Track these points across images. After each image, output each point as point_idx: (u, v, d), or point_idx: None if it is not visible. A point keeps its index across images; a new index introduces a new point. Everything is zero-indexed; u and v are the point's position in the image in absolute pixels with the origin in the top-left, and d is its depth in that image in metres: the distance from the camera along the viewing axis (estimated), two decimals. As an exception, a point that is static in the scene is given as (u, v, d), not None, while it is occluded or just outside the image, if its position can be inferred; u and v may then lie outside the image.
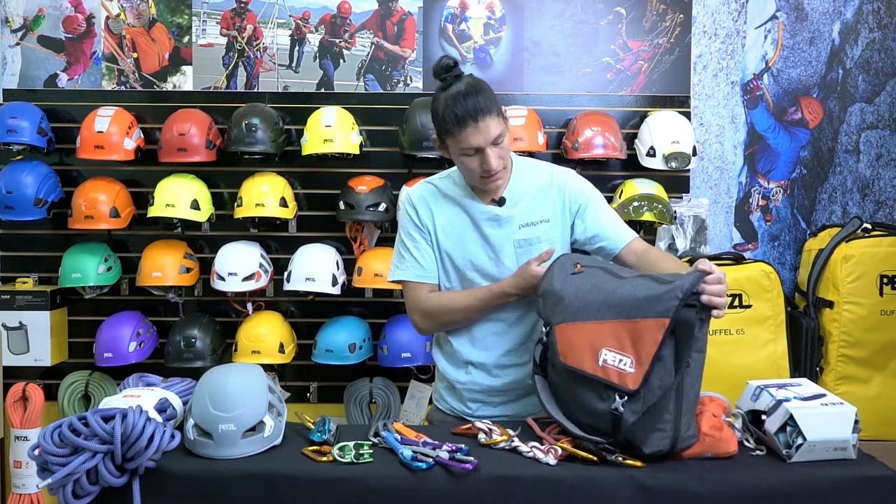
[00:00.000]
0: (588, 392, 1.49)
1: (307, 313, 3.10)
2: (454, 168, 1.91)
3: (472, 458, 1.42)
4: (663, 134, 2.94)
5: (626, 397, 1.43)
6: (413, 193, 1.92)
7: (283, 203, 2.91)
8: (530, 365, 1.80)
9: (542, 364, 1.63)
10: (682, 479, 1.40)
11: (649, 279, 1.51)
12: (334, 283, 2.87)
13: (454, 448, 1.46)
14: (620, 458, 1.43)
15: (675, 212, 2.99)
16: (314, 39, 3.13)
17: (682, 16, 3.13)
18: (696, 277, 1.44)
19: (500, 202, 1.85)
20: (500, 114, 1.76)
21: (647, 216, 2.87)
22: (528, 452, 1.48)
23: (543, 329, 1.63)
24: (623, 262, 1.81)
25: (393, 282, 1.94)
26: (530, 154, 2.98)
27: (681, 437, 1.44)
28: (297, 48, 3.13)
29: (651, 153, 2.94)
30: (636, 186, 2.95)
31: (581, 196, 1.87)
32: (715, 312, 1.48)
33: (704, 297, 1.45)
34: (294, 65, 3.13)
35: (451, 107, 1.72)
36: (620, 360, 1.45)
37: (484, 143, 1.73)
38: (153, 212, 2.86)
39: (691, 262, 2.82)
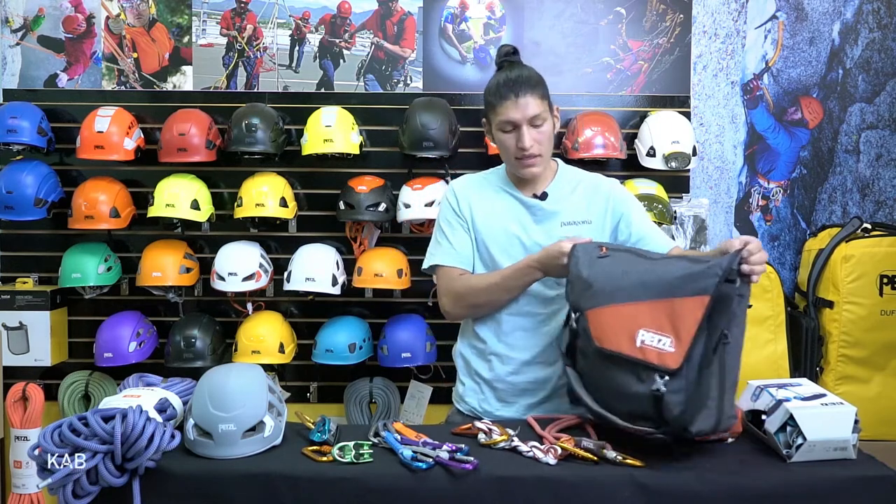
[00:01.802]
0: (624, 375, 1.47)
1: (307, 313, 3.10)
2: (500, 165, 1.96)
3: (472, 458, 1.42)
4: (663, 134, 2.94)
5: (666, 377, 1.42)
6: (456, 183, 1.97)
7: (283, 203, 2.91)
8: (556, 366, 1.82)
9: (571, 355, 1.62)
10: (682, 479, 1.40)
11: (683, 259, 1.51)
12: (334, 283, 2.87)
13: (454, 448, 1.46)
14: (620, 458, 1.43)
15: (675, 212, 2.99)
16: (314, 39, 3.13)
17: (682, 16, 3.13)
18: (733, 255, 1.44)
19: (543, 196, 1.87)
20: (545, 99, 1.82)
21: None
22: (528, 452, 1.48)
23: (573, 315, 1.62)
24: None
25: (426, 270, 1.96)
26: (530, 154, 2.99)
27: (724, 416, 1.43)
28: (297, 48, 3.13)
29: (651, 153, 2.94)
30: (636, 186, 2.95)
31: (624, 204, 1.91)
32: (753, 277, 1.48)
33: (746, 268, 1.46)
34: (294, 65, 3.13)
35: (497, 83, 1.82)
36: (659, 340, 1.44)
37: (521, 118, 1.78)
38: (153, 212, 2.86)
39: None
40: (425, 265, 1.96)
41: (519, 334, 1.87)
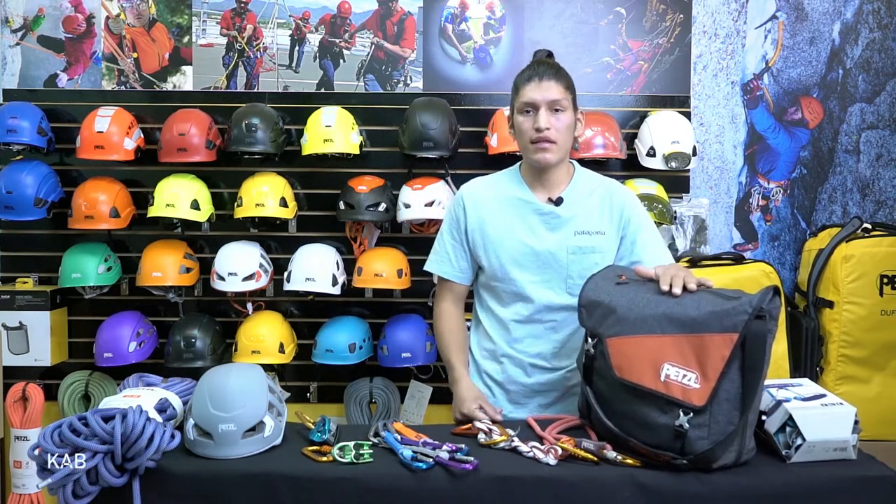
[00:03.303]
0: (647, 406, 1.44)
1: (307, 313, 3.10)
2: (513, 166, 1.96)
3: (472, 459, 1.42)
4: (663, 134, 2.94)
5: (690, 413, 1.39)
6: (466, 191, 1.96)
7: (283, 203, 2.91)
8: (564, 371, 1.85)
9: (587, 373, 1.59)
10: (682, 479, 1.40)
11: (712, 293, 1.47)
12: (334, 283, 2.87)
13: (454, 448, 1.46)
14: (620, 458, 1.43)
15: (675, 212, 2.99)
16: (314, 39, 3.13)
17: (682, 16, 3.13)
18: (764, 293, 1.41)
19: (558, 202, 1.86)
20: (570, 91, 1.83)
21: (647, 216, 2.87)
22: (528, 452, 1.48)
23: (590, 340, 1.59)
24: None
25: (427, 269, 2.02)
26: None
27: (745, 449, 1.42)
28: (297, 48, 3.13)
29: (651, 153, 2.94)
30: (636, 186, 2.95)
31: (634, 221, 1.89)
32: (674, 290, 1.49)
33: (663, 286, 1.49)
34: (294, 65, 3.13)
35: (524, 70, 1.85)
36: (685, 376, 1.41)
37: (541, 99, 1.78)
38: (153, 212, 2.86)
39: (691, 262, 2.86)
40: (426, 266, 2.01)
41: (529, 340, 1.88)
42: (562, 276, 1.84)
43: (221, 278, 2.87)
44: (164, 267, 2.88)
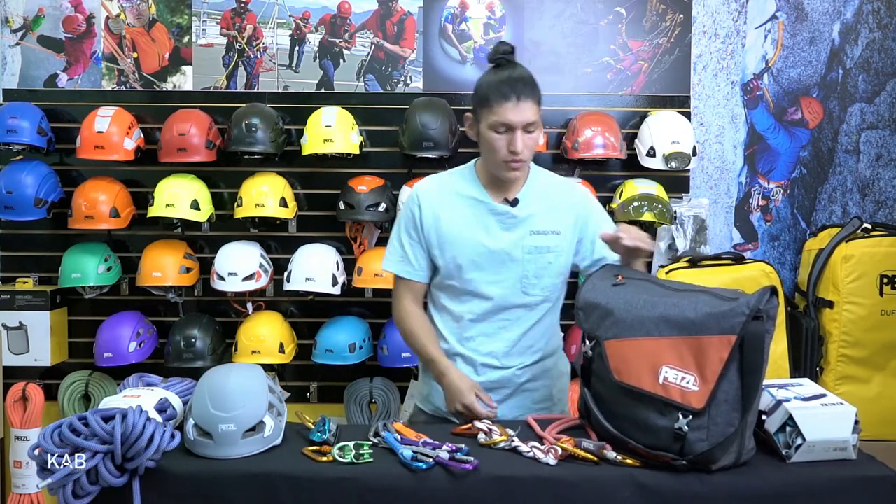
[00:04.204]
0: (646, 409, 1.44)
1: (307, 313, 3.10)
2: (467, 164, 1.92)
3: (472, 459, 1.41)
4: (663, 134, 2.94)
5: (690, 416, 1.39)
6: (421, 188, 1.91)
7: (283, 203, 2.91)
8: (514, 369, 1.86)
9: (586, 376, 1.59)
10: (681, 479, 1.40)
11: (709, 294, 1.47)
12: (334, 283, 2.87)
13: (454, 448, 1.46)
14: (620, 458, 1.43)
15: (675, 212, 2.99)
16: (314, 39, 3.13)
17: (682, 16, 3.13)
18: (761, 293, 1.40)
19: (514, 202, 1.84)
20: (540, 106, 1.78)
21: (647, 216, 2.87)
22: (528, 452, 1.47)
23: (588, 343, 1.59)
24: None
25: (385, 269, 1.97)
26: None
27: (745, 450, 1.42)
28: (297, 48, 3.13)
29: (651, 153, 2.94)
30: (636, 186, 2.95)
31: (593, 221, 1.90)
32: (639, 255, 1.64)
33: (629, 241, 1.61)
34: (294, 65, 3.13)
35: (498, 81, 1.76)
36: (683, 378, 1.40)
37: (518, 121, 1.74)
38: (153, 212, 2.86)
39: (691, 262, 2.86)
40: (382, 265, 1.96)
41: (481, 339, 1.87)
42: (517, 275, 1.83)
43: (221, 278, 2.87)
44: (164, 267, 2.88)
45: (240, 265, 2.88)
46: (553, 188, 1.91)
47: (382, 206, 2.88)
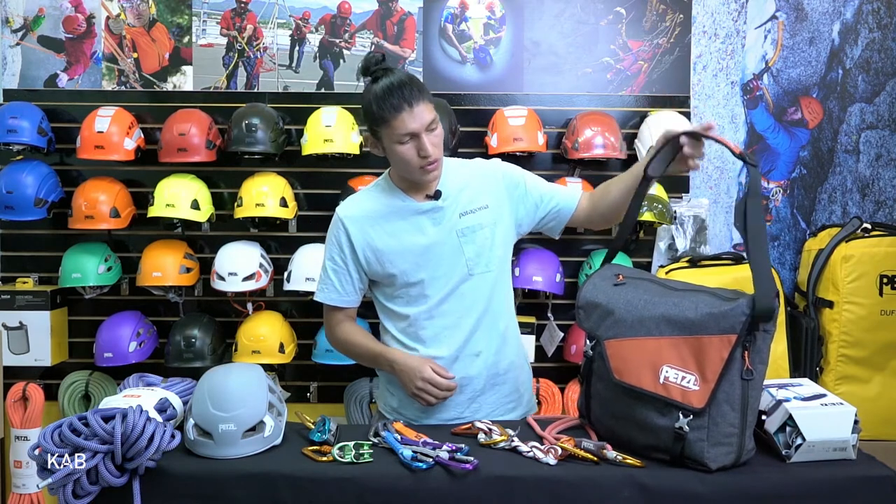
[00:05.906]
0: (646, 409, 1.45)
1: (307, 313, 3.10)
2: (381, 176, 1.92)
3: (472, 458, 1.41)
4: (663, 134, 2.94)
5: (690, 416, 1.39)
6: (343, 213, 1.89)
7: (283, 203, 2.91)
8: (483, 358, 1.84)
9: (586, 375, 1.60)
10: (682, 479, 1.40)
11: (710, 294, 1.47)
12: (334, 283, 2.87)
13: (454, 448, 1.46)
14: (620, 458, 1.43)
15: (675, 212, 2.99)
16: (314, 39, 3.13)
17: (681, 16, 3.13)
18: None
19: (437, 195, 1.84)
20: (431, 101, 1.77)
21: (647, 216, 2.87)
22: (528, 452, 1.47)
23: (588, 342, 1.60)
24: (582, 214, 1.90)
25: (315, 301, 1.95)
26: (530, 155, 2.99)
27: (744, 451, 1.42)
28: (297, 48, 3.13)
29: (651, 153, 2.93)
30: (636, 186, 2.95)
31: (515, 176, 1.91)
32: (690, 163, 1.59)
33: (687, 150, 1.56)
34: (294, 65, 3.13)
35: (385, 96, 1.73)
36: (683, 378, 1.40)
37: (419, 127, 1.73)
38: (153, 212, 2.86)
39: (691, 262, 2.86)
40: (317, 297, 1.94)
41: (445, 333, 1.85)
42: (461, 260, 1.83)
43: (221, 278, 2.87)
44: (164, 267, 2.88)
45: (240, 265, 2.88)
46: (468, 169, 1.92)
47: (382, 206, 2.87)
